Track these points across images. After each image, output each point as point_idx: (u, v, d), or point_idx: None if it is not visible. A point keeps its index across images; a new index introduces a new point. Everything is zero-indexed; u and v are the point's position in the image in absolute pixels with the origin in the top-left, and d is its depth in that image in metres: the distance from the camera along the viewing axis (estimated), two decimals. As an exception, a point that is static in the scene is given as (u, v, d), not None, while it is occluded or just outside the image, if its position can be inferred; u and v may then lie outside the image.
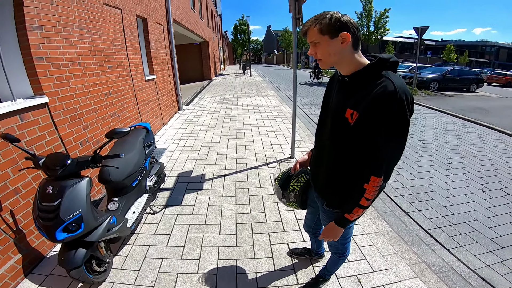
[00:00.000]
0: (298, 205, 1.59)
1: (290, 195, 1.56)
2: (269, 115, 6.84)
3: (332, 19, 0.96)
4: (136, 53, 4.58)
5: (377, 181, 1.01)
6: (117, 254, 2.22)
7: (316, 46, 1.02)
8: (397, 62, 1.02)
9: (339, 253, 1.59)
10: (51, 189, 1.58)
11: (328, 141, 1.18)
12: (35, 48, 2.27)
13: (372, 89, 0.96)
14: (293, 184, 1.53)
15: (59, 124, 2.49)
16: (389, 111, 0.93)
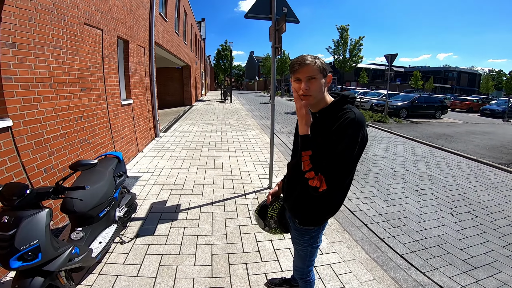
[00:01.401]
0: (281, 229, 1.70)
1: (271, 222, 1.70)
2: (248, 144, 6.92)
3: (323, 62, 1.19)
4: (113, 76, 4.53)
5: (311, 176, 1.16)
6: (80, 283, 2.11)
7: (311, 81, 1.17)
8: (354, 98, 1.29)
9: (303, 278, 1.66)
10: (7, 219, 1.52)
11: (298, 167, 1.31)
12: (5, 67, 2.21)
13: (339, 119, 1.16)
14: (270, 212, 1.68)
15: (21, 149, 2.36)
16: (352, 132, 1.13)
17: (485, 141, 9.27)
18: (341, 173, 1.18)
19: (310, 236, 1.48)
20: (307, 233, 1.47)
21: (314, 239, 1.50)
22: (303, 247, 1.53)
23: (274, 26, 3.61)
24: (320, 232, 1.50)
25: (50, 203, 2.62)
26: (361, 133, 1.15)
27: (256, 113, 14.12)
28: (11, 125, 2.24)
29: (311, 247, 1.52)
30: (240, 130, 8.82)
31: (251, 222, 3.07)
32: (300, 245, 1.54)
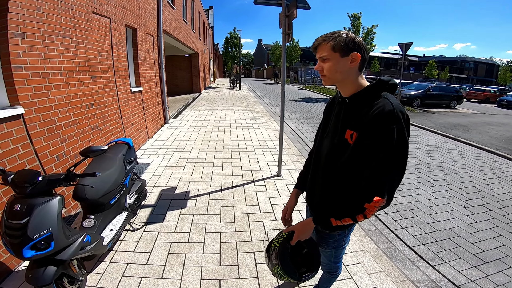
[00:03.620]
0: (283, 269, 1.22)
1: (272, 256, 1.29)
2: (257, 131, 6.87)
3: (347, 38, 1.00)
4: (123, 64, 4.52)
5: (379, 202, 1.00)
6: (91, 271, 2.13)
7: (325, 62, 1.06)
8: (395, 85, 1.07)
9: (331, 272, 1.59)
10: (19, 207, 1.52)
11: (326, 161, 1.19)
12: (14, 56, 2.20)
13: (370, 109, 1.00)
14: (274, 241, 1.32)
15: (34, 136, 2.38)
16: (388, 131, 0.94)
17: (501, 132, 8.90)
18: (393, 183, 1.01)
19: (333, 240, 1.36)
20: (329, 237, 1.35)
21: (338, 243, 1.37)
22: (327, 249, 1.42)
23: (285, 12, 3.47)
24: (345, 236, 1.36)
25: (62, 191, 2.67)
26: (402, 128, 0.96)
27: (265, 100, 13.95)
28: (23, 112, 2.25)
29: (335, 249, 1.41)
30: (249, 117, 8.75)
31: (259, 210, 3.07)
32: (323, 248, 1.42)
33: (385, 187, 0.99)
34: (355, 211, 1.05)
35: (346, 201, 1.08)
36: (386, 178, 0.99)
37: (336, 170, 1.13)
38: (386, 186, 0.99)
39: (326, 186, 1.21)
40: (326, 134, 1.23)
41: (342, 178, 1.11)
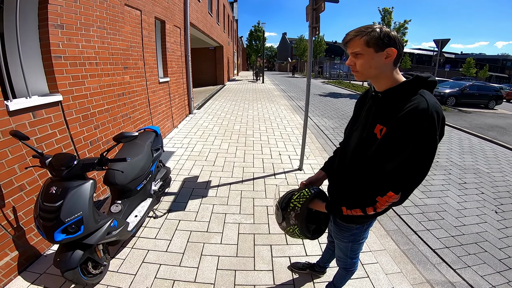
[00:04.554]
0: (301, 230, 1.27)
1: (291, 215, 1.27)
2: (280, 124, 6.79)
3: (382, 33, 0.95)
4: (152, 55, 4.63)
5: (392, 197, 0.97)
6: (114, 256, 2.19)
7: (357, 57, 1.02)
8: (435, 82, 1.01)
9: (347, 268, 1.55)
10: (55, 190, 1.57)
11: (353, 154, 1.18)
12: (54, 46, 2.31)
13: (404, 105, 0.95)
14: (294, 201, 1.27)
15: (70, 122, 2.52)
16: (418, 129, 0.90)
17: (544, 135, 8.05)
18: (412, 182, 0.98)
19: (350, 233, 1.32)
20: (347, 230, 1.32)
21: (355, 236, 1.33)
22: (343, 242, 1.39)
23: (312, 5, 3.33)
24: (363, 231, 1.32)
25: (93, 175, 2.81)
26: (433, 128, 0.90)
27: (288, 94, 13.75)
28: (61, 99, 2.38)
29: (352, 243, 1.37)
30: (272, 110, 8.66)
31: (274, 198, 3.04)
32: (339, 240, 1.40)
33: (402, 184, 0.97)
34: (366, 202, 1.04)
35: (360, 192, 1.08)
36: (406, 176, 0.96)
37: (361, 163, 1.11)
38: (403, 184, 0.97)
39: (348, 177, 1.19)
40: (356, 127, 1.20)
41: (364, 170, 1.09)
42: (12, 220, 1.93)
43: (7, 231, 1.87)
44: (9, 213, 1.90)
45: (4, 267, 1.85)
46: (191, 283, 1.94)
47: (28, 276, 1.98)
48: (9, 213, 1.90)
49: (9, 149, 1.86)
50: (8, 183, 1.87)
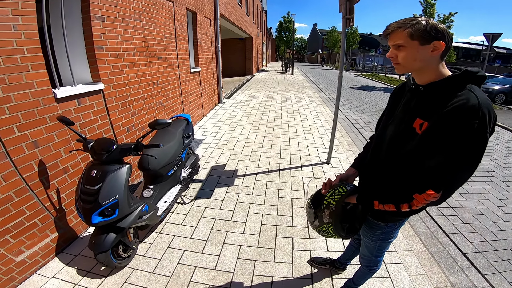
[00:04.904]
0: (336, 228, 1.21)
1: (324, 213, 1.21)
2: (308, 116, 6.63)
3: (428, 26, 0.90)
4: (184, 46, 4.74)
5: (431, 196, 0.92)
6: (143, 240, 2.28)
7: (400, 49, 0.97)
8: (484, 77, 0.94)
9: (370, 266, 1.49)
10: (95, 173, 1.65)
11: (388, 147, 1.13)
12: (97, 38, 2.44)
13: (450, 100, 0.90)
14: (329, 198, 1.20)
15: (111, 109, 2.68)
16: (467, 126, 0.84)
17: None
18: (455, 181, 0.92)
19: (381, 232, 1.27)
20: (378, 228, 1.27)
21: (385, 235, 1.28)
22: (371, 240, 1.34)
23: (346, -5, 3.13)
24: (395, 229, 1.27)
25: (129, 160, 2.97)
26: (484, 126, 0.84)
27: (318, 86, 13.32)
28: (103, 88, 2.53)
29: (381, 242, 1.32)
30: (301, 101, 8.48)
31: (304, 196, 2.99)
32: (368, 238, 1.35)
33: (444, 183, 0.91)
34: (402, 198, 0.99)
35: (396, 187, 1.03)
36: (449, 175, 0.90)
37: (396, 157, 1.07)
38: (445, 183, 0.91)
39: (382, 172, 1.14)
40: (392, 120, 1.15)
41: (401, 165, 1.04)
42: (55, 202, 2.07)
43: (50, 212, 2.01)
44: (53, 195, 2.04)
45: (43, 248, 1.97)
46: (212, 271, 1.98)
47: (64, 257, 2.08)
48: (53, 194, 2.05)
49: (56, 133, 2.02)
50: (53, 166, 2.02)
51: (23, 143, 1.77)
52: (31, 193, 1.85)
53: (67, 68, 2.25)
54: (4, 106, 1.63)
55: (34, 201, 1.88)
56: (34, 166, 1.86)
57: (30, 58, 1.79)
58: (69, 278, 1.90)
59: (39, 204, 1.92)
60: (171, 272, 1.97)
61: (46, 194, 1.98)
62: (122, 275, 1.93)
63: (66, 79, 2.29)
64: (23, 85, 1.74)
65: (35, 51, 1.82)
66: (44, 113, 1.91)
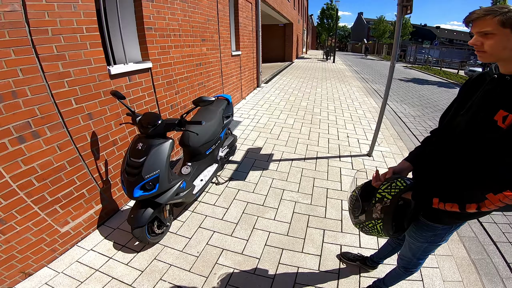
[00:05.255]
0: (385, 226, 1.10)
1: (375, 208, 1.09)
2: (350, 105, 6.24)
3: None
4: (226, 29, 4.74)
5: (509, 198, 0.81)
6: (176, 218, 2.31)
7: (487, 37, 0.89)
8: None
9: (408, 268, 1.38)
10: (141, 146, 1.70)
11: (457, 140, 1.00)
12: (147, 19, 2.52)
13: None
14: (383, 192, 1.08)
15: (157, 87, 2.79)
16: None
17: None
18: None
19: (432, 234, 1.15)
20: (430, 230, 1.15)
21: (436, 238, 1.16)
22: (418, 242, 1.21)
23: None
24: (449, 232, 1.15)
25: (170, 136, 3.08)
26: None
27: (362, 75, 12.47)
28: (151, 66, 2.63)
29: (429, 244, 1.20)
30: (343, 90, 8.02)
31: (340, 187, 2.85)
32: (415, 239, 1.22)
33: None
34: (470, 198, 0.88)
35: (464, 184, 0.92)
36: None
37: (468, 151, 0.95)
38: None
39: (447, 166, 1.02)
40: (465, 111, 1.02)
41: (473, 160, 0.93)
42: (103, 173, 2.18)
43: (97, 183, 2.12)
44: (101, 166, 2.16)
45: (87, 220, 2.05)
46: (238, 255, 1.97)
47: (103, 230, 2.13)
48: (102, 166, 2.16)
49: (108, 107, 2.14)
50: (104, 138, 2.14)
51: (79, 115, 1.89)
52: (82, 163, 1.96)
53: (120, 47, 2.36)
54: (63, 80, 1.75)
55: (84, 172, 1.99)
56: (87, 137, 1.98)
57: (88, 37, 1.89)
58: (105, 252, 1.96)
59: (89, 174, 2.03)
60: (199, 252, 1.99)
61: (95, 165, 2.08)
62: (153, 251, 1.98)
63: (119, 57, 2.41)
64: (81, 62, 1.86)
65: (93, 30, 1.92)
66: (99, 88, 2.03)
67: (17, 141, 1.54)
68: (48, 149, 1.71)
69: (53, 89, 1.69)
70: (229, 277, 1.79)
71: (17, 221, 1.60)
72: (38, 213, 1.71)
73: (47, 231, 1.79)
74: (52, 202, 1.79)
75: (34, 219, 1.70)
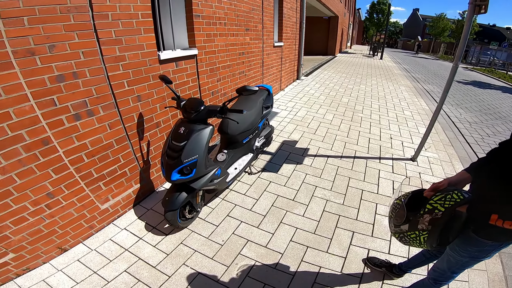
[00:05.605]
0: (430, 237, 1.01)
1: (422, 219, 1.00)
2: (396, 105, 5.77)
3: None
4: (270, 19, 4.65)
5: None
6: (207, 204, 2.34)
7: None
8: None
9: (439, 280, 1.30)
10: (183, 130, 1.74)
11: None
12: (195, 6, 2.57)
13: None
14: (435, 203, 0.99)
15: (201, 74, 2.85)
16: None
17: None
18: None
19: (477, 249, 1.05)
20: (476, 245, 1.05)
21: (481, 254, 1.07)
22: (459, 256, 1.11)
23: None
24: (497, 249, 1.05)
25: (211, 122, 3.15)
26: None
27: (412, 74, 11.42)
28: (197, 53, 2.70)
29: (470, 259, 1.10)
30: (389, 89, 7.43)
31: (377, 190, 2.67)
32: (457, 253, 1.12)
33: None
34: None
35: None
36: None
37: None
38: None
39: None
40: None
41: None
42: (144, 154, 2.27)
43: (138, 163, 2.21)
44: (144, 146, 2.26)
45: (125, 199, 2.14)
46: (262, 247, 1.95)
47: (138, 210, 2.16)
48: (144, 146, 2.26)
49: (155, 90, 2.24)
50: (149, 119, 2.24)
51: (129, 97, 2.01)
52: (128, 142, 2.07)
53: (170, 33, 2.44)
54: (119, 64, 1.87)
55: (129, 151, 2.09)
56: (134, 118, 2.09)
57: (143, 23, 1.98)
58: (137, 232, 2.01)
59: (132, 154, 2.13)
60: (224, 240, 1.99)
61: (138, 145, 2.18)
62: (181, 235, 2.02)
63: (168, 43, 2.50)
64: (135, 47, 1.96)
65: (147, 16, 2.01)
66: (149, 72, 2.13)
67: (73, 118, 1.66)
68: (100, 127, 1.83)
69: (109, 72, 1.81)
70: (250, 269, 1.79)
71: (63, 195, 1.69)
72: (83, 189, 1.81)
73: (89, 207, 1.87)
74: (97, 179, 1.88)
75: (79, 195, 1.79)
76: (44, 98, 1.49)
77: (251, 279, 1.73)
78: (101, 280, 1.66)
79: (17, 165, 1.45)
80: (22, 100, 1.40)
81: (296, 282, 1.72)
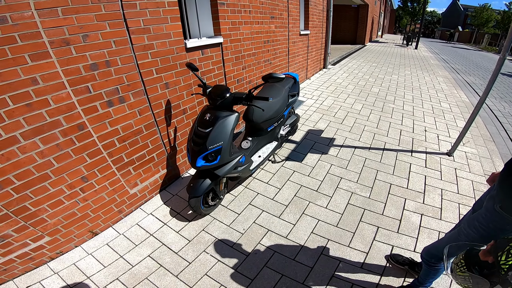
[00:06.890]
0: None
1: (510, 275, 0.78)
2: (433, 96, 5.28)
3: None
4: (295, 7, 4.45)
5: None
6: (230, 192, 2.31)
7: None
8: None
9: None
10: (208, 117, 1.72)
11: None
12: (220, -7, 2.49)
13: None
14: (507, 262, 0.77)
15: (226, 62, 2.81)
16: None
17: None
18: None
19: None
20: None
21: None
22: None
23: None
24: None
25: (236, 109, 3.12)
26: None
27: (451, 65, 10.39)
28: (222, 41, 2.65)
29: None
30: (425, 80, 6.82)
31: (406, 185, 2.47)
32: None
33: None
34: None
35: None
36: None
37: None
38: None
39: None
40: None
41: None
42: (172, 140, 2.30)
43: (165, 148, 2.25)
44: (171, 132, 2.29)
45: (152, 184, 2.18)
46: (282, 238, 1.91)
47: (164, 195, 2.17)
48: (171, 132, 2.29)
49: (182, 78, 2.25)
50: (176, 106, 2.27)
51: (157, 84, 2.04)
52: (156, 128, 2.11)
53: (195, 22, 2.41)
54: (147, 52, 1.89)
55: (157, 136, 2.14)
56: (162, 104, 2.13)
57: (170, 11, 1.97)
58: (162, 217, 2.03)
59: (160, 139, 2.17)
60: (244, 229, 1.98)
61: (166, 131, 2.22)
62: (203, 222, 2.03)
63: (194, 31, 2.48)
64: (163, 35, 1.97)
65: (173, 5, 1.99)
66: (176, 60, 2.14)
67: (106, 105, 1.72)
68: (130, 113, 1.88)
69: (139, 60, 1.84)
70: (268, 259, 1.76)
71: (97, 179, 1.75)
72: (114, 173, 1.87)
73: (119, 191, 1.92)
74: (127, 163, 1.94)
75: (111, 179, 1.84)
76: (79, 85, 1.55)
77: (269, 269, 1.70)
78: (126, 265, 1.72)
79: (55, 149, 1.52)
80: (59, 87, 1.46)
81: (313, 274, 1.67)
